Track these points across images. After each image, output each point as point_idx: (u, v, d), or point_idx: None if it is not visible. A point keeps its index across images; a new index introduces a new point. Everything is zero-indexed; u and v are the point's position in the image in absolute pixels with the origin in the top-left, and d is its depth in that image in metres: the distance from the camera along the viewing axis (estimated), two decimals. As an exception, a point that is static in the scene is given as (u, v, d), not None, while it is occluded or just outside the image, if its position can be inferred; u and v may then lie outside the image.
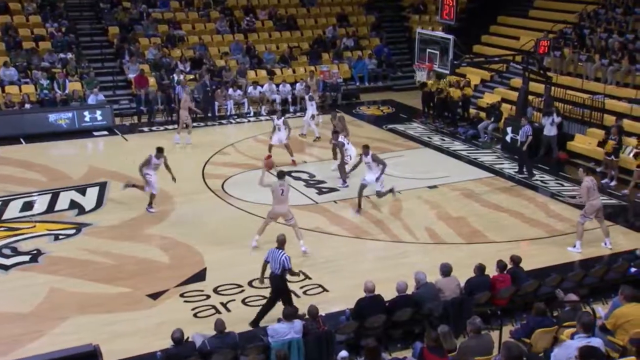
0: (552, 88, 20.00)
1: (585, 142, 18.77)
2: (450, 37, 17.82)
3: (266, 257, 10.69)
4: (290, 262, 10.54)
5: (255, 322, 10.53)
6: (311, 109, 20.83)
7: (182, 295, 11.61)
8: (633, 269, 11.64)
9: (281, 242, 10.73)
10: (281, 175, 13.23)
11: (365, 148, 15.04)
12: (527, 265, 11.38)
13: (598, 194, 13.33)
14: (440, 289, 10.28)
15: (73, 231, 14.13)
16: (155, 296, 11.57)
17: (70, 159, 19.05)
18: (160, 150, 15.03)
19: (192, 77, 24.10)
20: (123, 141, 20.90)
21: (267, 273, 10.72)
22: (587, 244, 13.61)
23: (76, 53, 24.18)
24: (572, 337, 8.06)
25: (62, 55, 23.81)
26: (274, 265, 10.51)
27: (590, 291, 11.42)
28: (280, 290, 10.57)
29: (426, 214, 15.45)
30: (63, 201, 15.72)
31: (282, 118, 18.19)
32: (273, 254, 10.56)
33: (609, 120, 18.17)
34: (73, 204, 15.57)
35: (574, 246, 13.27)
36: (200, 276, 12.27)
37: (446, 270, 10.49)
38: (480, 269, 10.62)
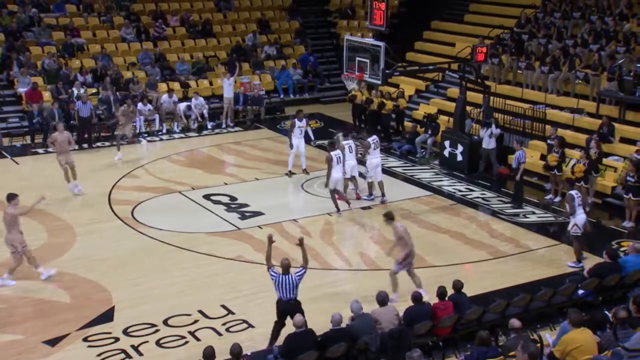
0: (491, 98, 20.64)
1: (527, 155, 19.39)
2: (381, 44, 18.16)
3: (274, 287, 10.74)
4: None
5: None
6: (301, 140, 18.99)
7: (85, 340, 11.31)
8: (581, 291, 12.06)
9: (286, 267, 10.75)
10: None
11: None
12: (469, 290, 11.62)
13: (411, 245, 12.47)
14: (376, 319, 10.36)
15: (-48, 271, 13.56)
16: (53, 342, 11.22)
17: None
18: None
19: (94, 90, 23.65)
20: (13, 165, 20.25)
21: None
22: (531, 263, 14.08)
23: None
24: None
25: None
26: (286, 292, 10.61)
27: (537, 316, 11.76)
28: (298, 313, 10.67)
29: (360, 237, 15.60)
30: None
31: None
32: (283, 282, 10.60)
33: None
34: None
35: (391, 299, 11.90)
36: (107, 316, 11.99)
37: (382, 299, 10.59)
38: (416, 298, 10.75)
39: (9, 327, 11.66)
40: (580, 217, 13.85)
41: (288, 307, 10.66)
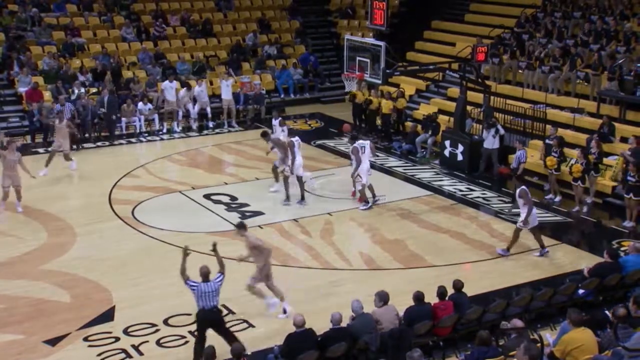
0: (492, 97, 20.63)
1: (528, 155, 19.38)
2: (382, 44, 18.16)
3: (196, 298, 10.39)
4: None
5: None
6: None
7: (86, 339, 11.30)
8: (581, 291, 12.06)
9: (206, 275, 10.51)
10: None
11: None
12: (469, 290, 11.61)
13: (267, 256, 11.96)
14: (377, 319, 10.36)
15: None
16: (53, 342, 11.21)
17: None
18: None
19: (95, 89, 23.64)
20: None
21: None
22: (532, 263, 14.09)
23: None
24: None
25: None
26: (208, 300, 10.34)
27: (537, 316, 11.76)
28: (221, 323, 10.62)
29: (360, 237, 15.61)
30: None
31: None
32: (205, 290, 10.33)
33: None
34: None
35: (271, 305, 11.93)
36: (107, 316, 11.99)
37: (384, 299, 10.58)
38: (418, 297, 10.76)
39: (9, 327, 11.64)
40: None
41: (211, 315, 10.41)
